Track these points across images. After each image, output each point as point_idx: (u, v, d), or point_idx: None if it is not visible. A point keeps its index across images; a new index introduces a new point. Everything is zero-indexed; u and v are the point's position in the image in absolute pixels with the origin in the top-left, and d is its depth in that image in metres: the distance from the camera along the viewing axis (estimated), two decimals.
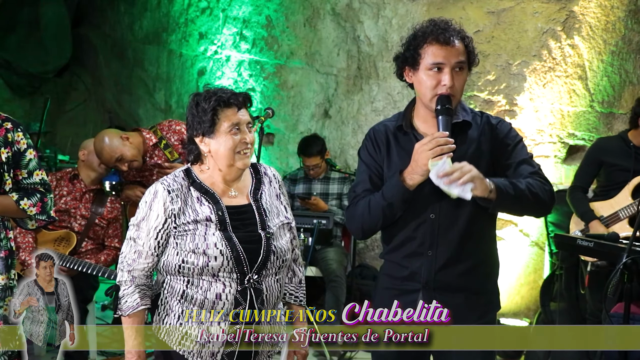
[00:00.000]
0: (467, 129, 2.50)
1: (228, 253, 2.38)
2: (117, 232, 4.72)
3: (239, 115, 2.45)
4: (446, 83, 2.40)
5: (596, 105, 5.26)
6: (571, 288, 4.79)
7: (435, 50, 2.42)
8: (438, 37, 2.42)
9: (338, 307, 5.22)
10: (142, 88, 9.01)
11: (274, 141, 6.90)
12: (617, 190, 4.42)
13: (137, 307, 2.46)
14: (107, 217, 4.65)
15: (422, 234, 2.48)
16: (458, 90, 2.44)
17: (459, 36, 2.44)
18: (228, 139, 2.43)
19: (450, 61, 2.41)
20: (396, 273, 2.56)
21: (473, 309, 2.50)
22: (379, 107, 5.99)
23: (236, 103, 2.44)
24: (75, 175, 4.65)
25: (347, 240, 5.72)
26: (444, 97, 2.40)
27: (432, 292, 2.48)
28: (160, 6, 8.48)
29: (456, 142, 2.44)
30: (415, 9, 5.74)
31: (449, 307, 2.46)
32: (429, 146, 2.33)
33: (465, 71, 2.46)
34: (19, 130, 3.07)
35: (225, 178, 2.52)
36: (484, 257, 2.53)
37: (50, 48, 9.73)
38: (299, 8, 6.63)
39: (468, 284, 2.49)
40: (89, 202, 4.61)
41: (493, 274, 2.58)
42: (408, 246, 2.52)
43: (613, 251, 3.28)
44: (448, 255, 2.47)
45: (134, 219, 2.50)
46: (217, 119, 2.44)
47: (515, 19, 5.34)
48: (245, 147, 2.45)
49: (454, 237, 2.46)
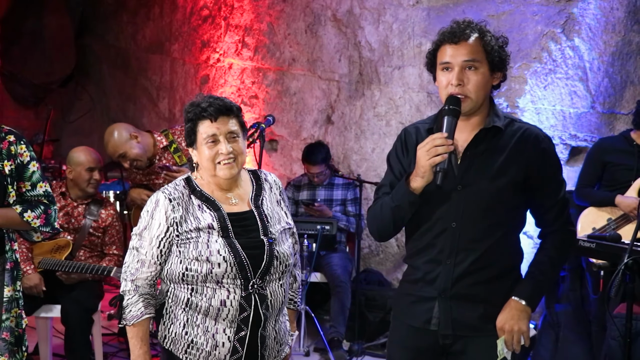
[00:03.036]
0: (499, 136, 2.44)
1: (231, 259, 2.39)
2: (114, 238, 4.74)
3: (214, 127, 2.45)
4: (452, 82, 2.37)
5: (597, 106, 5.26)
6: (576, 290, 4.79)
7: (444, 51, 2.41)
8: (448, 37, 2.40)
9: (343, 313, 5.22)
10: (146, 97, 9.04)
11: (278, 148, 6.91)
12: (622, 190, 4.41)
13: (142, 316, 2.48)
14: (102, 225, 4.66)
15: (442, 242, 2.45)
16: (472, 91, 2.37)
17: (473, 34, 2.38)
18: (205, 150, 2.47)
19: (458, 60, 2.37)
20: (415, 279, 2.54)
21: (492, 320, 2.45)
22: (381, 112, 6.00)
23: (209, 115, 2.45)
24: (63, 193, 4.66)
25: (351, 245, 5.72)
26: (451, 97, 2.36)
27: (448, 301, 2.45)
28: (162, 15, 8.51)
29: (484, 149, 2.42)
30: (416, 13, 5.76)
31: (468, 319, 2.44)
32: (426, 148, 2.30)
33: (481, 70, 2.37)
34: (22, 142, 3.08)
35: (219, 186, 2.54)
36: (505, 269, 2.47)
37: (54, 59, 9.75)
38: (300, 15, 6.65)
39: (488, 296, 2.45)
40: (81, 214, 4.62)
41: (512, 284, 2.50)
42: (428, 253, 2.49)
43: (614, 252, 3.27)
44: (467, 265, 2.42)
45: (137, 229, 2.52)
46: (196, 130, 2.48)
47: (515, 22, 5.35)
48: (224, 158, 2.45)
49: (475, 247, 2.42)
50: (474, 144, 2.44)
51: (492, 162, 2.41)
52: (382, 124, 5.97)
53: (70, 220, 4.59)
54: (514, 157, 2.41)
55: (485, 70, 2.39)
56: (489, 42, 2.39)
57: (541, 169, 2.42)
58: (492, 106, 2.49)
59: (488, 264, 2.43)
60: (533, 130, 2.47)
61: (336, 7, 6.32)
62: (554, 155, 2.47)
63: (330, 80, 6.43)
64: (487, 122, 2.43)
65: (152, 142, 4.60)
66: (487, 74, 2.39)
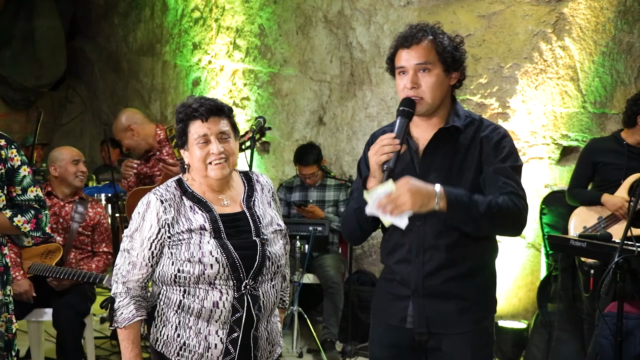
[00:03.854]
0: (458, 135, 2.48)
1: (224, 260, 2.38)
2: (103, 236, 4.74)
3: (205, 127, 2.45)
4: (407, 85, 2.42)
5: (588, 106, 5.27)
6: (568, 289, 4.80)
7: (399, 55, 2.46)
8: (402, 42, 2.45)
9: (336, 314, 5.22)
10: (137, 99, 9.03)
11: (270, 149, 6.91)
12: (612, 189, 4.43)
13: (133, 318, 2.46)
14: (91, 223, 4.66)
15: (409, 241, 2.50)
16: (426, 92, 2.41)
17: (425, 38, 2.42)
18: (196, 151, 2.46)
19: (411, 63, 2.42)
20: (390, 278, 2.60)
21: (466, 316, 2.48)
22: (372, 112, 6.00)
23: (200, 115, 2.45)
24: (49, 193, 4.65)
25: (344, 246, 5.72)
26: (405, 99, 2.41)
27: (421, 299, 2.49)
28: (153, 17, 8.50)
29: (444, 148, 2.46)
30: (407, 14, 5.77)
31: (441, 314, 2.48)
32: (375, 148, 2.34)
33: (434, 72, 2.41)
34: (13, 147, 3.07)
35: (211, 187, 2.54)
36: (473, 264, 2.49)
37: (45, 62, 9.73)
38: (291, 16, 6.65)
39: (458, 291, 2.48)
40: (69, 214, 4.61)
41: (486, 280, 2.55)
42: (398, 252, 2.55)
43: (605, 251, 3.29)
44: (435, 262, 2.46)
45: (128, 231, 2.51)
46: (187, 131, 2.48)
47: (505, 22, 5.36)
48: (216, 158, 2.45)
49: (441, 244, 2.46)
50: (434, 143, 2.48)
51: (450, 161, 2.45)
52: (373, 124, 5.98)
53: (59, 220, 4.57)
54: (471, 155, 2.45)
55: (439, 71, 2.42)
56: (442, 43, 2.42)
57: (488, 151, 2.45)
58: (454, 106, 2.53)
59: (456, 260, 2.46)
60: (489, 127, 2.50)
61: (327, 8, 6.32)
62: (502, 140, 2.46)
63: (321, 81, 6.44)
64: (446, 122, 2.48)
65: (152, 134, 4.87)
66: (441, 75, 2.43)
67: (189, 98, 2.52)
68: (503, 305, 5.45)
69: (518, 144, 5.35)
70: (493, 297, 2.59)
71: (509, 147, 2.46)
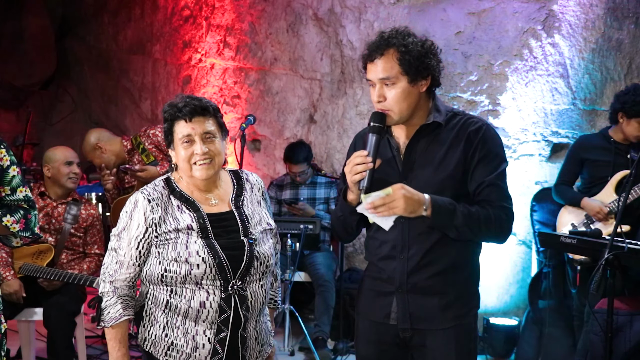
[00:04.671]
0: (439, 131, 2.48)
1: (210, 260, 2.38)
2: (96, 238, 4.72)
3: (189, 127, 2.45)
4: (374, 99, 2.44)
5: (578, 102, 5.29)
6: (559, 285, 4.82)
7: (368, 69, 2.47)
8: (366, 56, 2.47)
9: (327, 312, 5.22)
10: (128, 98, 9.00)
11: (260, 147, 6.90)
12: (599, 185, 4.45)
13: (120, 317, 2.46)
14: (83, 225, 4.64)
15: (394, 238, 2.51)
16: (392, 105, 2.41)
17: (387, 51, 2.40)
18: (180, 151, 2.46)
19: (375, 77, 2.43)
20: (375, 275, 2.62)
21: (448, 311, 2.49)
22: (363, 110, 6.00)
23: (184, 115, 2.44)
24: (42, 193, 4.63)
25: (335, 244, 5.72)
26: (375, 114, 2.43)
27: (405, 294, 2.51)
28: (143, 16, 8.47)
29: (426, 144, 2.48)
30: (397, 11, 5.76)
31: (424, 310, 2.49)
32: (349, 167, 2.37)
33: (398, 84, 2.40)
34: (2, 147, 3.04)
35: (198, 187, 2.53)
36: (457, 260, 2.50)
37: (35, 61, 9.69)
38: (282, 14, 6.63)
39: (441, 287, 2.49)
40: (61, 215, 4.59)
41: (469, 276, 2.56)
42: (383, 249, 2.56)
43: (595, 247, 3.29)
44: (419, 258, 2.48)
45: (115, 230, 2.50)
46: (172, 130, 2.48)
47: (495, 19, 5.37)
48: (200, 159, 2.44)
49: (424, 240, 2.47)
50: (415, 141, 2.50)
51: (433, 156, 2.46)
52: (364, 122, 5.97)
53: (51, 221, 4.55)
54: (453, 149, 2.45)
55: (403, 83, 2.40)
56: (406, 54, 2.38)
57: (474, 154, 2.44)
58: (434, 103, 2.52)
59: (439, 256, 2.47)
60: (471, 120, 2.50)
61: (317, 6, 6.31)
62: (488, 141, 2.46)
63: (312, 79, 6.43)
64: (427, 119, 2.49)
65: (119, 148, 4.99)
66: (405, 87, 2.40)
67: (177, 97, 2.51)
68: (494, 302, 5.46)
69: (508, 141, 5.35)
70: (476, 293, 2.59)
71: (495, 150, 2.46)
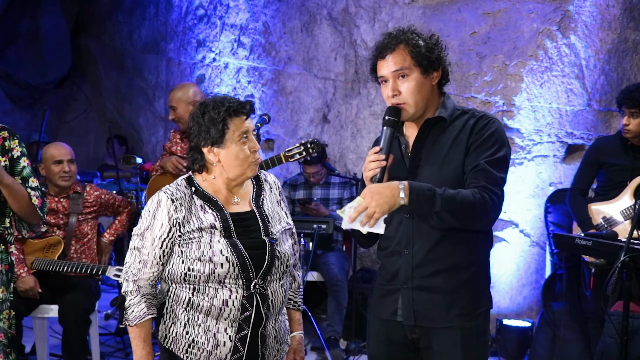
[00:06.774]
0: (446, 126, 2.50)
1: (234, 259, 2.41)
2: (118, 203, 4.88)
3: (246, 124, 2.48)
4: (388, 94, 2.47)
5: (594, 103, 5.26)
6: (573, 288, 4.79)
7: (378, 66, 2.51)
8: (377, 53, 2.51)
9: (340, 312, 5.22)
10: (141, 97, 9.03)
11: (274, 147, 6.91)
12: (617, 189, 4.39)
13: (144, 316, 2.48)
14: (96, 208, 4.73)
15: (399, 234, 2.52)
16: (407, 97, 2.45)
17: (397, 45, 2.45)
18: (239, 148, 2.47)
19: (388, 72, 2.46)
20: (383, 273, 2.63)
21: (452, 309, 2.48)
22: (377, 110, 5.99)
23: (244, 111, 2.48)
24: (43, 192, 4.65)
25: (348, 244, 5.72)
26: (390, 108, 2.48)
27: (410, 291, 2.50)
28: (158, 15, 8.50)
29: (432, 140, 2.50)
30: (411, 12, 5.76)
31: (428, 307, 2.48)
32: (365, 164, 2.43)
33: (412, 76, 2.44)
34: (15, 138, 3.11)
35: (230, 186, 2.54)
36: (464, 257, 2.48)
37: (50, 59, 9.74)
38: (296, 14, 6.64)
39: (446, 284, 2.47)
40: (66, 208, 4.60)
41: (477, 275, 2.53)
42: (389, 246, 2.57)
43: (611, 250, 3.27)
44: (423, 254, 2.47)
45: (137, 229, 2.51)
46: (227, 129, 2.46)
47: (510, 19, 5.35)
48: (255, 155, 2.49)
49: (429, 236, 2.46)
50: (421, 136, 2.52)
51: (438, 152, 2.48)
52: (378, 122, 5.96)
53: (58, 215, 4.57)
54: (457, 143, 2.47)
55: (417, 74, 2.45)
56: (415, 47, 2.44)
57: (472, 142, 2.45)
58: (443, 101, 2.54)
59: (445, 252, 2.46)
60: (477, 114, 2.52)
61: (332, 5, 6.32)
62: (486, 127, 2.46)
63: (326, 79, 6.43)
64: (434, 115, 2.52)
65: None
66: (419, 78, 2.45)
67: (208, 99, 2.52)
68: (508, 304, 5.45)
69: (523, 142, 5.33)
70: (483, 293, 2.56)
71: (493, 138, 2.45)
